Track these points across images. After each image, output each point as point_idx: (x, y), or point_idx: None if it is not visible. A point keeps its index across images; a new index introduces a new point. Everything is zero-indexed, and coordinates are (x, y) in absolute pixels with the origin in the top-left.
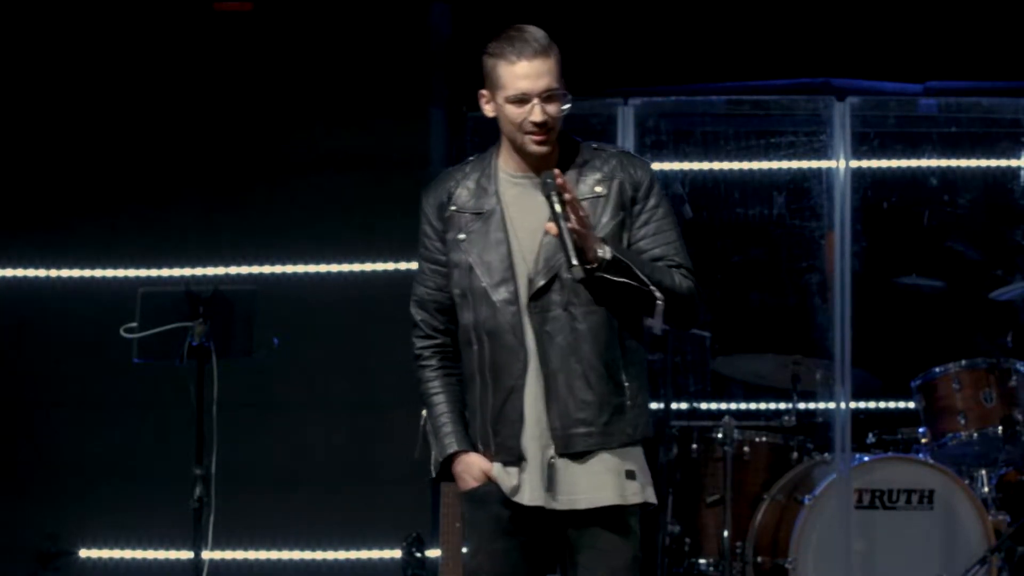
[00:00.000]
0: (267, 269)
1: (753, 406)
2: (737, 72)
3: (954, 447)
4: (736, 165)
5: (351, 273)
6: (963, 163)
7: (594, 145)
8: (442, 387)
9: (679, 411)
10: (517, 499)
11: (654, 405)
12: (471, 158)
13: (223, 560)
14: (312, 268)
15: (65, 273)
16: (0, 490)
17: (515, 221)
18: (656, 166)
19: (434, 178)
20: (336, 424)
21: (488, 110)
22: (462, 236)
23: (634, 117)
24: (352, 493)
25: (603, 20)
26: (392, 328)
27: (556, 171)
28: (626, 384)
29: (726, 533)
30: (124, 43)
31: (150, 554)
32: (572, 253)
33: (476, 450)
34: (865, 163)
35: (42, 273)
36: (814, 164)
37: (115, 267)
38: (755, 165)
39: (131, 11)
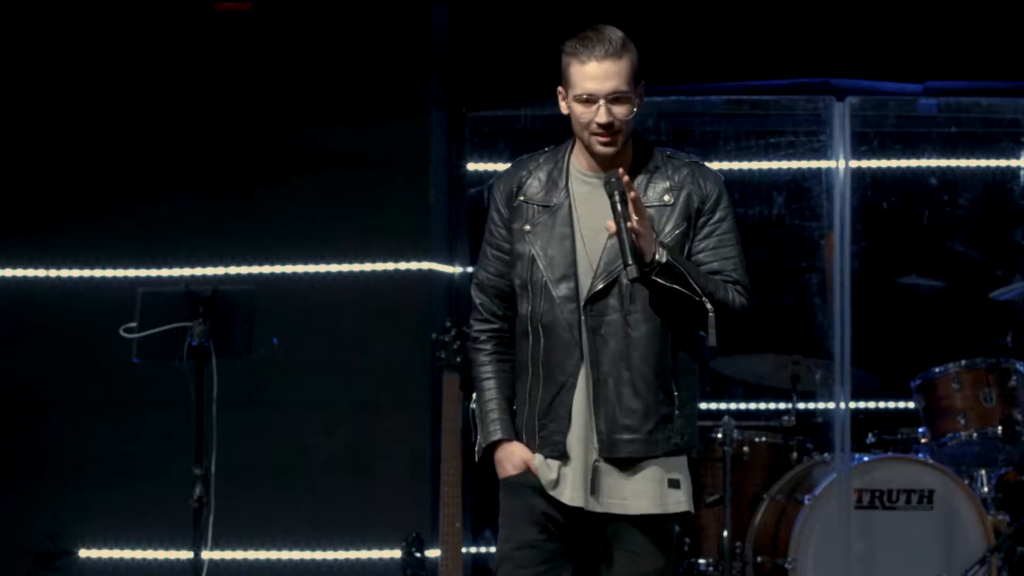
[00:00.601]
0: (267, 269)
1: (753, 406)
2: (736, 72)
3: (954, 447)
4: (736, 165)
5: (351, 273)
6: (963, 163)
7: (668, 152)
8: (494, 373)
9: None
10: (555, 494)
11: None
12: (546, 149)
13: (223, 560)
14: (312, 268)
15: (64, 273)
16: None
17: (582, 219)
18: None
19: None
20: (336, 424)
21: (563, 107)
22: (528, 227)
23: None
24: (352, 493)
25: (604, 20)
26: (392, 328)
27: (620, 170)
28: (675, 394)
29: (726, 533)
30: (124, 42)
31: (150, 554)
32: (628, 253)
33: (520, 440)
34: (865, 163)
35: (41, 273)
36: (814, 164)
37: (115, 267)
38: (755, 165)
39: (131, 10)
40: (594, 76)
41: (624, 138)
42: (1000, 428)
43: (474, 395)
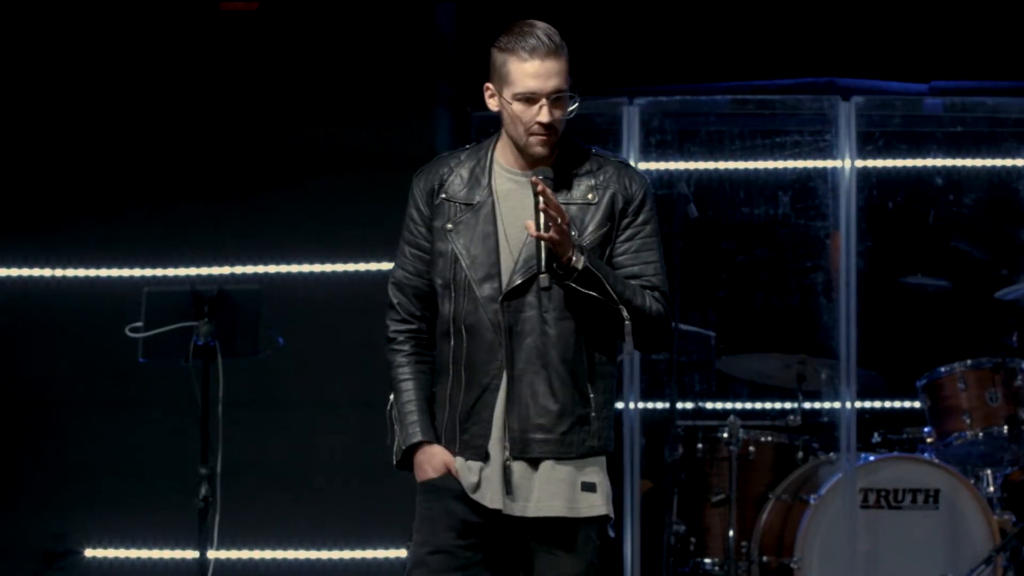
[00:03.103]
0: (272, 268)
1: (758, 406)
2: (742, 71)
3: (959, 447)
4: (741, 165)
5: (356, 272)
6: (968, 163)
7: (595, 151)
8: (412, 374)
9: (684, 411)
10: (476, 497)
11: (659, 405)
12: (467, 146)
13: (229, 559)
14: (317, 268)
15: (70, 273)
16: (5, 490)
17: (506, 217)
18: (661, 166)
19: (427, 162)
20: (341, 423)
21: (492, 104)
22: (450, 225)
23: (639, 116)
24: (357, 492)
25: (608, 19)
26: None
27: (537, 178)
28: (591, 396)
29: (731, 533)
30: (130, 42)
31: (155, 553)
32: (543, 257)
33: (440, 443)
34: (870, 163)
35: (47, 272)
36: (819, 164)
37: (120, 267)
38: (760, 165)
39: (137, 11)
40: (537, 74)
41: (559, 138)
42: (1006, 427)
43: (391, 397)
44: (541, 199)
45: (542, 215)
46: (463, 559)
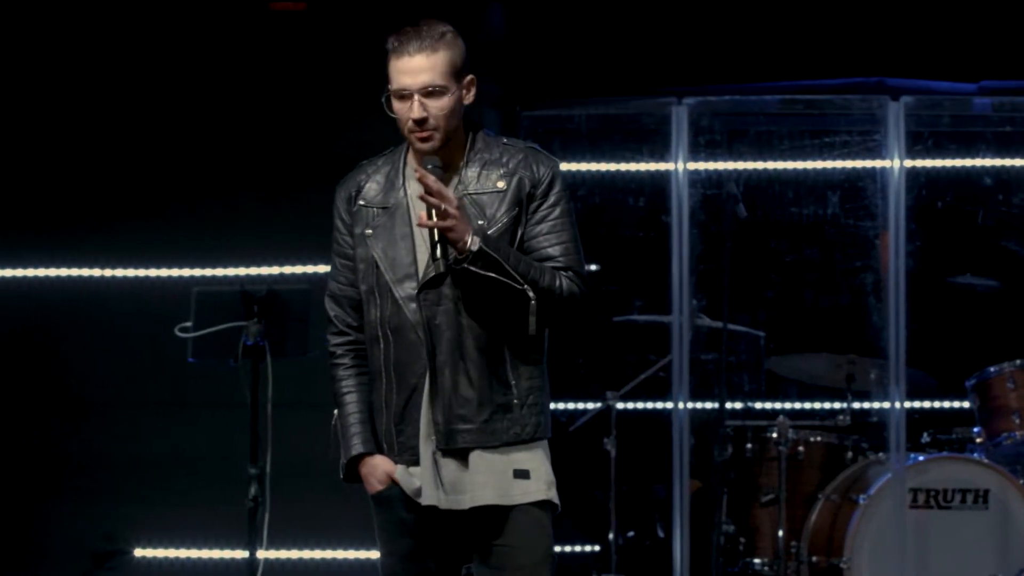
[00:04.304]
0: (322, 268)
1: (808, 406)
2: (791, 71)
3: (1009, 447)
4: (790, 165)
5: None
6: (1017, 162)
7: (505, 140)
8: (354, 387)
9: (733, 411)
10: (421, 501)
11: (708, 405)
12: (386, 152)
13: (278, 559)
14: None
15: (120, 273)
16: (55, 490)
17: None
18: (710, 166)
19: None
20: None
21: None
22: (368, 231)
23: (688, 116)
24: None
25: (657, 19)
26: None
27: (420, 167)
28: (513, 383)
29: (781, 533)
30: (181, 43)
31: (205, 553)
32: (436, 244)
33: (382, 451)
34: (919, 163)
35: (97, 273)
36: (868, 164)
37: (170, 267)
38: (809, 165)
39: (187, 11)
40: (406, 71)
41: (445, 133)
42: None
43: (335, 412)
44: (424, 187)
45: (427, 203)
46: (424, 563)
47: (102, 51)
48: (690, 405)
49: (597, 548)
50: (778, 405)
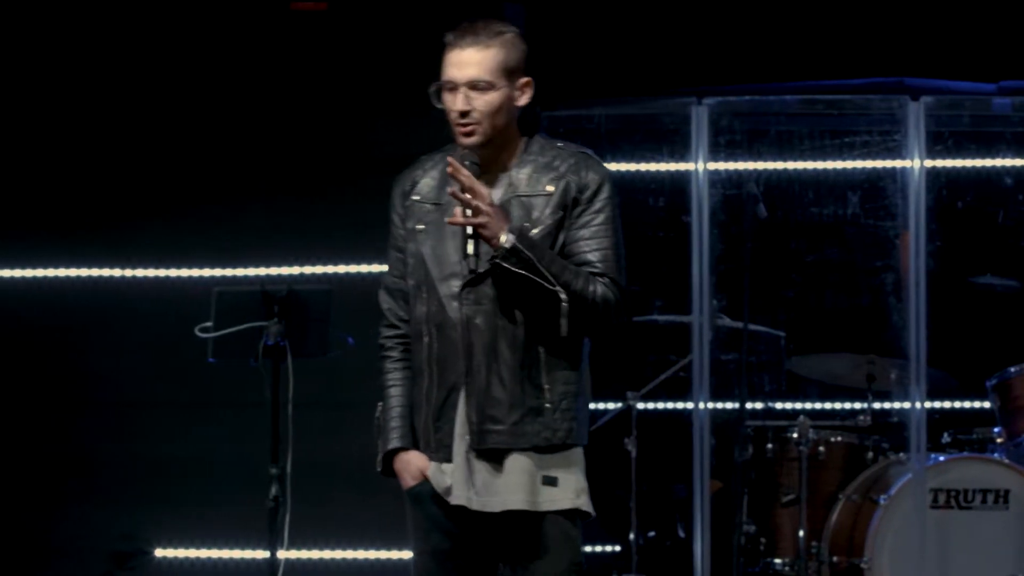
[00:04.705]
0: (342, 268)
1: (828, 406)
2: (811, 71)
3: None
4: (810, 165)
5: None
6: None
7: (559, 144)
8: (399, 380)
9: (754, 411)
10: (451, 500)
11: (729, 405)
12: (445, 147)
13: (299, 559)
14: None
15: (140, 273)
16: (75, 490)
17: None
18: (730, 166)
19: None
20: None
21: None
22: (420, 226)
23: (708, 116)
24: None
25: (677, 19)
26: None
27: (454, 162)
28: (546, 387)
29: (801, 533)
30: (203, 43)
31: (225, 553)
32: (468, 241)
33: (419, 447)
34: (940, 163)
35: (116, 273)
36: (888, 164)
37: (190, 267)
38: (829, 165)
39: (207, 11)
40: (455, 63)
41: (489, 129)
42: None
43: (380, 404)
44: (457, 183)
45: (459, 200)
46: (454, 560)
47: (124, 52)
48: (711, 405)
49: (618, 548)
50: (798, 405)
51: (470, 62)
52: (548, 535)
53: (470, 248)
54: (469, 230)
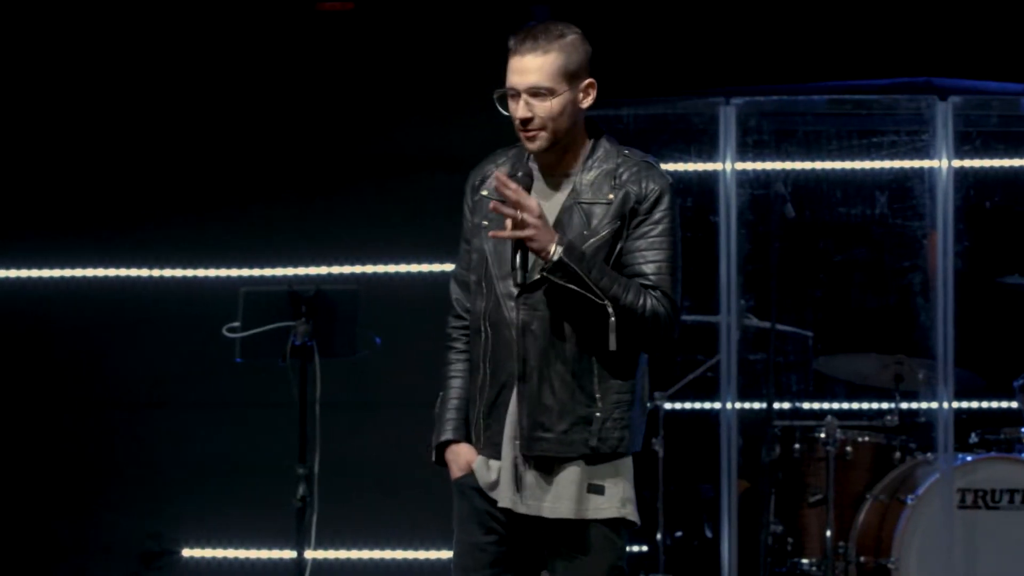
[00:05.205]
0: (369, 269)
1: (855, 406)
2: (839, 71)
3: None
4: (838, 165)
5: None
6: None
7: (625, 151)
8: (459, 372)
9: (781, 411)
10: (493, 495)
11: (756, 405)
12: (520, 143)
13: (326, 559)
14: (414, 267)
15: (167, 273)
16: (103, 490)
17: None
18: (758, 166)
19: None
20: None
21: None
22: (485, 222)
23: (736, 116)
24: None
25: (704, 20)
26: None
27: (499, 174)
28: (598, 396)
29: (829, 533)
30: (227, 42)
31: (253, 553)
32: (517, 257)
33: (471, 440)
34: (967, 163)
35: (144, 273)
36: (916, 164)
37: (217, 267)
38: (857, 165)
39: (234, 11)
40: (516, 70)
41: (552, 134)
42: None
43: (440, 394)
44: (503, 197)
45: (503, 214)
46: (494, 555)
47: (150, 52)
48: (738, 405)
49: (645, 548)
50: (826, 405)
51: (529, 68)
52: (591, 541)
53: (517, 261)
54: (516, 242)
